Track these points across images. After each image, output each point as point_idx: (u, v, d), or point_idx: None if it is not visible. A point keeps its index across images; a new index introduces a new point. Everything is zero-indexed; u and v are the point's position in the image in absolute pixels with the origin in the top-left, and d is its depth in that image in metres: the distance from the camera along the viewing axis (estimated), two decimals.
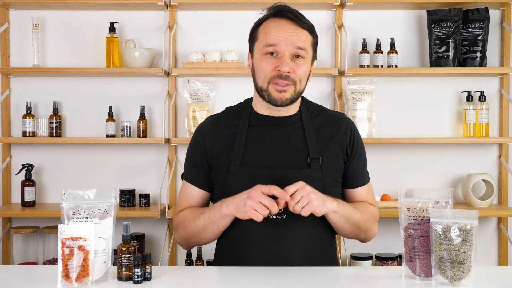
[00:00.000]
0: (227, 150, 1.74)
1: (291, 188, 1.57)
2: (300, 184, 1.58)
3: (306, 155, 1.72)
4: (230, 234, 1.72)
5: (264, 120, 1.77)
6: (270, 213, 1.56)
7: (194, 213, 1.74)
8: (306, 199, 1.56)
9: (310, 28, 1.72)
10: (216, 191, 1.78)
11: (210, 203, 1.85)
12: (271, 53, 1.68)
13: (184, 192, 1.83)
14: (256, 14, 1.79)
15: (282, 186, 1.60)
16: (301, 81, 1.70)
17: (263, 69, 1.69)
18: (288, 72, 1.66)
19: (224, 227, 1.69)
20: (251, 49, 1.77)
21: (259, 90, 1.73)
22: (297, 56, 1.69)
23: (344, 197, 1.84)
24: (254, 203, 1.55)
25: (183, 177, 1.85)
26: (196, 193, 1.81)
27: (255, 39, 1.74)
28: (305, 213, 1.56)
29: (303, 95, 1.80)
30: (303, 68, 1.69)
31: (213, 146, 1.77)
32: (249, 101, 1.84)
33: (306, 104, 1.83)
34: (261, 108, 1.78)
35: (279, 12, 1.71)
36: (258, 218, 1.56)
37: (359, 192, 1.83)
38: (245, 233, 1.69)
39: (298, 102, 1.79)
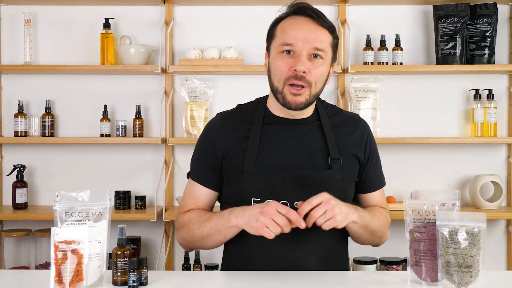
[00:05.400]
0: (239, 149, 1.69)
1: (315, 200, 1.53)
2: (325, 197, 1.54)
3: (324, 155, 1.69)
4: (242, 237, 1.65)
5: (279, 121, 1.73)
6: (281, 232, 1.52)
7: (200, 217, 1.69)
8: (331, 213, 1.52)
9: (330, 28, 1.66)
10: (227, 190, 1.73)
11: (218, 206, 1.80)
12: (288, 52, 1.63)
13: (190, 192, 1.78)
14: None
15: (301, 187, 1.59)
16: (317, 84, 1.65)
17: (278, 67, 1.63)
18: (304, 72, 1.60)
19: (230, 236, 1.65)
20: (268, 48, 1.72)
21: (274, 91, 1.67)
22: (315, 56, 1.63)
23: (357, 201, 1.82)
24: (267, 220, 1.50)
25: (190, 175, 1.79)
26: (203, 193, 1.76)
27: (272, 37, 1.69)
28: (327, 227, 1.53)
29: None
30: (320, 69, 1.63)
31: (224, 144, 1.71)
32: (262, 100, 1.79)
33: (322, 103, 1.79)
34: (276, 109, 1.73)
35: (299, 10, 1.66)
36: (270, 235, 1.51)
37: (374, 196, 1.80)
38: (258, 237, 1.62)
39: (314, 103, 1.74)
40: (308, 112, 1.73)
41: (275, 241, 1.59)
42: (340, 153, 1.69)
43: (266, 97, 1.78)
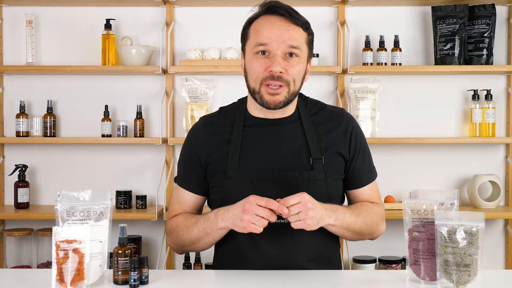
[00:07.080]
0: (222, 153, 1.69)
1: (291, 200, 1.51)
2: (303, 198, 1.51)
3: (306, 155, 1.66)
4: (232, 239, 1.66)
5: (260, 122, 1.71)
6: (269, 222, 1.52)
7: (187, 222, 1.69)
8: (303, 215, 1.51)
9: (304, 25, 1.64)
10: (213, 195, 1.73)
11: (205, 206, 1.80)
12: (263, 52, 1.62)
13: (177, 197, 1.78)
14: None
15: (284, 189, 1.58)
16: (295, 82, 1.64)
17: (254, 69, 1.62)
18: (281, 72, 1.59)
19: (220, 237, 1.65)
20: (243, 49, 1.71)
21: (251, 92, 1.67)
22: (291, 55, 1.62)
23: (347, 197, 1.79)
24: (250, 217, 1.50)
25: (176, 181, 1.80)
26: (189, 198, 1.76)
27: (246, 38, 1.68)
28: (295, 226, 1.52)
29: (300, 91, 1.73)
30: (297, 67, 1.62)
31: (207, 149, 1.71)
32: (243, 101, 1.77)
33: (304, 100, 1.77)
34: (256, 110, 1.71)
35: (271, 9, 1.64)
36: (258, 230, 1.52)
37: (363, 191, 1.76)
38: (247, 238, 1.63)
39: (295, 101, 1.72)
40: (289, 111, 1.71)
41: (264, 240, 1.60)
42: (322, 152, 1.67)
43: (246, 97, 1.77)
